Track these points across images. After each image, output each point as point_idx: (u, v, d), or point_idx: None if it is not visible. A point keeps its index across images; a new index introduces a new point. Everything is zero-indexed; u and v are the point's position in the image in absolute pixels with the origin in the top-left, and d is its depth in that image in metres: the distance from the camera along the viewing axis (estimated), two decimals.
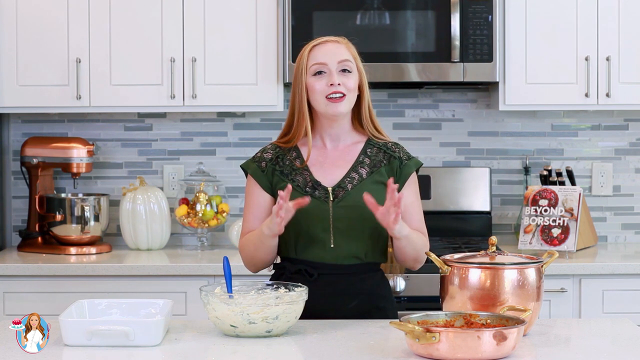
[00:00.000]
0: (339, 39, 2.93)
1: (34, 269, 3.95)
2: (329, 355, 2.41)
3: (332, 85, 2.84)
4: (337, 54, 2.88)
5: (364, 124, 2.95)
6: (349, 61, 2.88)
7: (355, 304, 2.87)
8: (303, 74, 2.88)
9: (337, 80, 2.85)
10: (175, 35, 4.18)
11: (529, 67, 4.18)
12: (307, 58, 2.89)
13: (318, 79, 2.86)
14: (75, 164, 4.31)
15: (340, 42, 2.92)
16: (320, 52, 2.88)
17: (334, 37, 2.94)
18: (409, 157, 2.97)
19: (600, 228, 4.54)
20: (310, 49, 2.90)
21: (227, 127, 4.55)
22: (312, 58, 2.88)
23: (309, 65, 2.87)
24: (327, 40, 2.91)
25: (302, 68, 2.89)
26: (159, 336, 2.49)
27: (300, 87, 2.88)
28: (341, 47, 2.90)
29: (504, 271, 2.57)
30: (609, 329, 2.76)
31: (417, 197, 2.96)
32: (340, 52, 2.89)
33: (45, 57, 4.18)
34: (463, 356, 2.28)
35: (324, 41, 2.91)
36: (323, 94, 2.85)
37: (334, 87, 2.84)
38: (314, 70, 2.87)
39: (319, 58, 2.87)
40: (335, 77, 2.85)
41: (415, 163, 2.96)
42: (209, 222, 4.33)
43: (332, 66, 2.86)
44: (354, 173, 2.91)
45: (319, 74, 2.87)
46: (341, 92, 2.85)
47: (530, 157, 4.53)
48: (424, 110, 4.55)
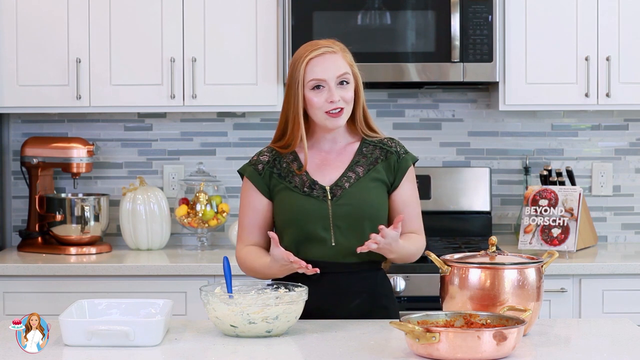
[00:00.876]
0: (334, 47, 2.87)
1: (34, 269, 3.95)
2: (329, 355, 2.41)
3: (332, 102, 2.84)
4: (335, 67, 2.84)
5: (357, 125, 2.95)
6: (347, 74, 2.86)
7: (357, 302, 2.87)
8: (300, 87, 2.85)
9: (336, 97, 2.83)
10: (175, 35, 4.18)
11: (529, 67, 4.18)
12: (304, 71, 2.84)
13: (317, 93, 2.84)
14: (75, 164, 4.31)
15: (336, 51, 2.87)
16: (318, 67, 2.84)
17: (329, 44, 2.88)
18: (406, 151, 2.97)
19: (600, 228, 4.54)
20: (307, 62, 2.85)
21: (227, 127, 4.55)
22: (310, 72, 2.84)
23: (307, 80, 2.84)
24: (324, 52, 2.85)
25: (298, 80, 2.84)
26: (159, 336, 2.49)
27: (296, 98, 2.85)
28: (338, 58, 2.86)
29: (504, 271, 2.58)
30: (609, 329, 2.76)
31: (414, 192, 2.96)
32: (338, 65, 2.85)
33: (45, 57, 4.18)
34: (463, 356, 2.28)
35: (320, 53, 2.85)
36: (322, 110, 2.84)
37: (334, 104, 2.84)
38: (312, 85, 2.84)
39: (318, 74, 2.83)
40: (335, 94, 2.83)
41: (411, 157, 2.96)
42: (209, 222, 4.33)
43: (331, 82, 2.83)
44: (351, 172, 2.91)
45: (317, 88, 2.84)
46: (340, 107, 2.85)
47: (530, 157, 4.53)
48: (424, 110, 4.55)
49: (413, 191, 2.95)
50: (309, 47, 2.88)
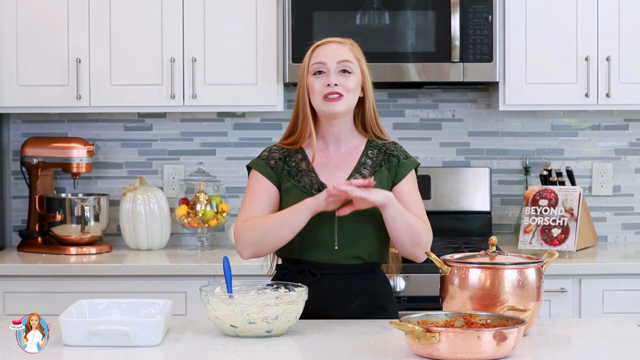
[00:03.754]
0: (344, 40, 2.93)
1: (34, 269, 3.95)
2: (329, 355, 2.41)
3: (329, 86, 2.84)
4: (338, 54, 2.88)
5: (368, 127, 2.95)
6: (349, 62, 2.88)
7: (357, 303, 2.87)
8: (305, 74, 2.89)
9: (334, 81, 2.85)
10: (175, 35, 4.18)
11: (529, 67, 4.18)
12: (309, 58, 2.91)
13: (317, 78, 2.87)
14: (75, 164, 4.31)
15: (344, 43, 2.91)
16: (321, 52, 2.89)
17: (339, 38, 2.94)
18: (407, 156, 2.97)
19: (600, 228, 4.54)
20: (313, 49, 2.92)
21: (227, 127, 4.55)
22: (314, 57, 2.90)
23: (310, 64, 2.89)
24: (331, 41, 2.92)
25: (304, 68, 2.90)
26: (159, 336, 2.49)
27: (303, 87, 2.90)
28: (344, 48, 2.90)
29: (504, 271, 2.58)
30: (609, 329, 2.76)
31: (415, 189, 2.94)
32: (341, 53, 2.89)
33: (45, 57, 4.18)
34: (463, 356, 2.28)
35: (327, 41, 2.92)
36: (321, 94, 2.86)
37: (330, 88, 2.84)
38: (314, 69, 2.88)
39: (320, 57, 2.88)
40: (333, 77, 2.85)
41: (412, 162, 2.96)
42: (209, 222, 4.33)
43: (331, 66, 2.86)
44: (357, 175, 2.91)
45: (318, 74, 2.87)
46: (338, 92, 2.85)
47: (530, 157, 4.53)
48: (424, 110, 4.56)
49: (413, 188, 2.94)
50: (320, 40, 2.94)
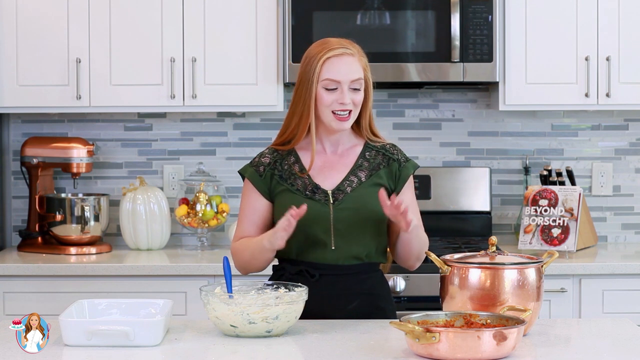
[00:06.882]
0: (352, 50, 2.87)
1: (34, 269, 3.95)
2: (329, 355, 2.41)
3: (342, 104, 2.84)
4: (351, 71, 2.84)
5: (362, 129, 2.95)
6: (360, 79, 2.86)
7: (355, 304, 2.87)
8: (314, 83, 2.84)
9: (347, 100, 2.84)
10: (175, 35, 4.18)
11: (529, 67, 4.18)
12: (320, 69, 2.84)
13: (329, 93, 2.84)
14: (75, 164, 4.31)
15: (354, 54, 2.86)
16: (334, 68, 2.83)
17: (347, 45, 2.87)
18: (407, 159, 2.98)
19: (600, 228, 4.54)
20: (324, 60, 2.84)
21: (227, 127, 4.55)
22: (326, 71, 2.84)
23: (322, 78, 2.84)
24: (343, 53, 2.85)
25: (313, 76, 2.84)
26: (159, 336, 2.49)
27: (309, 93, 2.85)
28: (355, 63, 2.85)
29: (504, 271, 2.58)
30: (609, 329, 2.76)
31: (414, 198, 2.98)
32: (354, 70, 2.85)
33: (45, 57, 4.18)
34: (463, 356, 2.28)
35: (338, 54, 2.84)
36: (330, 108, 2.84)
37: (343, 106, 2.84)
38: (326, 84, 2.84)
39: (333, 74, 2.83)
40: (347, 97, 2.83)
41: (412, 165, 2.97)
42: (209, 222, 4.33)
43: (344, 85, 2.84)
44: (353, 176, 2.91)
45: (330, 89, 2.85)
46: (349, 109, 2.85)
47: (530, 157, 4.53)
48: (424, 110, 4.56)
49: (412, 198, 2.97)
50: (327, 45, 2.86)
